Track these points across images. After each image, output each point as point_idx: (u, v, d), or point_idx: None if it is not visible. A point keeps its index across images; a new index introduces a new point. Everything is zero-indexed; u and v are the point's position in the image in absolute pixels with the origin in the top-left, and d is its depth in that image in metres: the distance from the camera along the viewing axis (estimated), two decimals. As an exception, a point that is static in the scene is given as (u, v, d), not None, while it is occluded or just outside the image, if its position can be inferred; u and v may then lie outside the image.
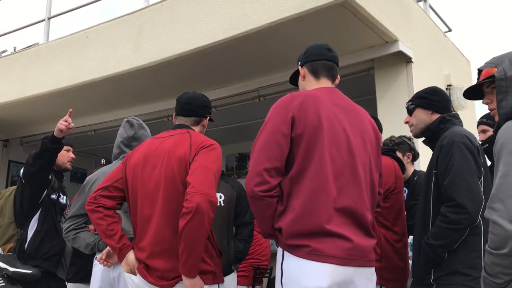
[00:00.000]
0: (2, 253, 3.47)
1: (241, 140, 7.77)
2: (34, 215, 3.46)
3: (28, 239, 3.43)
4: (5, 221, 3.76)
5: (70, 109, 3.23)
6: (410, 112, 2.74)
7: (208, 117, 2.69)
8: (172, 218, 2.23)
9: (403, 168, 3.07)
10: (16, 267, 3.29)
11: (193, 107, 2.62)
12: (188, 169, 2.27)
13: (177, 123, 2.62)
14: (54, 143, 3.21)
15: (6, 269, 3.26)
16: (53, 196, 3.56)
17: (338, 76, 2.30)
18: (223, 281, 2.45)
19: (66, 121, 3.14)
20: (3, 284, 3.25)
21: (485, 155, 2.54)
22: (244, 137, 7.41)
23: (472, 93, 1.95)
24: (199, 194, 2.12)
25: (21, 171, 3.43)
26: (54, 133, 3.18)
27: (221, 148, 2.42)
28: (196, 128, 2.59)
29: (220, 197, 3.58)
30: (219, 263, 2.41)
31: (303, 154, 1.98)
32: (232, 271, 3.60)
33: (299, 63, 2.31)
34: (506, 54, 1.78)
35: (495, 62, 1.78)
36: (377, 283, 2.65)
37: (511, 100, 1.61)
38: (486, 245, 1.57)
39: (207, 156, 2.31)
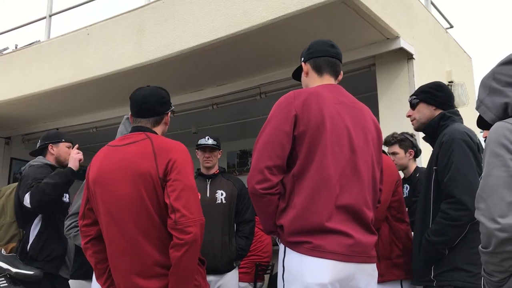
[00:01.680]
0: (4, 253, 3.45)
1: (242, 137, 7.78)
2: (37, 216, 3.42)
3: (31, 240, 3.38)
4: (7, 221, 3.73)
5: (77, 145, 3.56)
6: (413, 106, 2.72)
7: (169, 112, 2.38)
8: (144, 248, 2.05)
9: None
10: (19, 268, 3.27)
11: (151, 107, 2.27)
12: (159, 186, 2.04)
13: (135, 124, 2.28)
14: (75, 175, 3.41)
15: (8, 269, 3.25)
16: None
17: (341, 72, 2.29)
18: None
19: (78, 153, 3.44)
20: (6, 284, 3.25)
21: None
22: (245, 134, 7.42)
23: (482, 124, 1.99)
24: (195, 224, 1.97)
25: (27, 198, 3.25)
26: (71, 166, 3.40)
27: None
28: (158, 129, 2.29)
29: (222, 194, 3.58)
30: (204, 271, 2.23)
31: (306, 152, 1.98)
32: (234, 267, 3.62)
33: (302, 59, 2.29)
34: None
35: None
36: (401, 279, 2.72)
37: (494, 111, 1.70)
38: (480, 245, 1.60)
39: (187, 173, 2.08)
